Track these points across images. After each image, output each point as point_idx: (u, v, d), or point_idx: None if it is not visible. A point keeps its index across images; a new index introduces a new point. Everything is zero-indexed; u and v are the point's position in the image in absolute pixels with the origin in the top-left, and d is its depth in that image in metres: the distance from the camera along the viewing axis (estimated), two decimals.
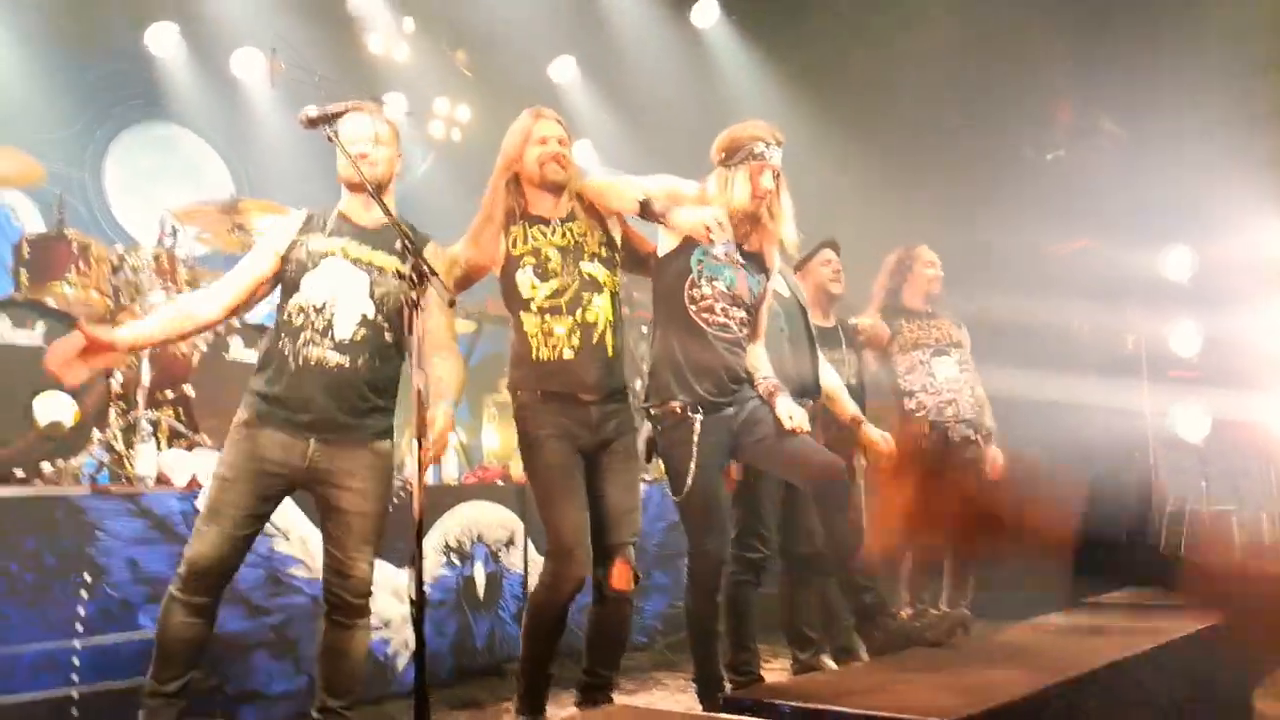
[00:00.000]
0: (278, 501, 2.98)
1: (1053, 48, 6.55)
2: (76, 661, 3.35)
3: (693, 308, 3.27)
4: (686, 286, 3.27)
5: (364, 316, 2.89)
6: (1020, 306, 5.87)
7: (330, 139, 2.72)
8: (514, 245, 3.18)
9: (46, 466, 3.69)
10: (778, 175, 3.36)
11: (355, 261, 2.93)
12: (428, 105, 8.45)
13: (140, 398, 4.06)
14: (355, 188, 2.99)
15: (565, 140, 3.29)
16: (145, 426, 3.95)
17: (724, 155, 3.35)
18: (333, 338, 2.86)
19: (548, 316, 3.09)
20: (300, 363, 2.87)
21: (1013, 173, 6.78)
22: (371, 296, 2.90)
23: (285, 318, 2.93)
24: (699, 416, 3.18)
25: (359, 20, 7.82)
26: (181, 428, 4.06)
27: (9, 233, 6.70)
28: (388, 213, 2.74)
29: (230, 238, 4.97)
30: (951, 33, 6.79)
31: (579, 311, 3.10)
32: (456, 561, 4.47)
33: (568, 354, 3.08)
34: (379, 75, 7.86)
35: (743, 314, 3.34)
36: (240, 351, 4.29)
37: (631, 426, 3.29)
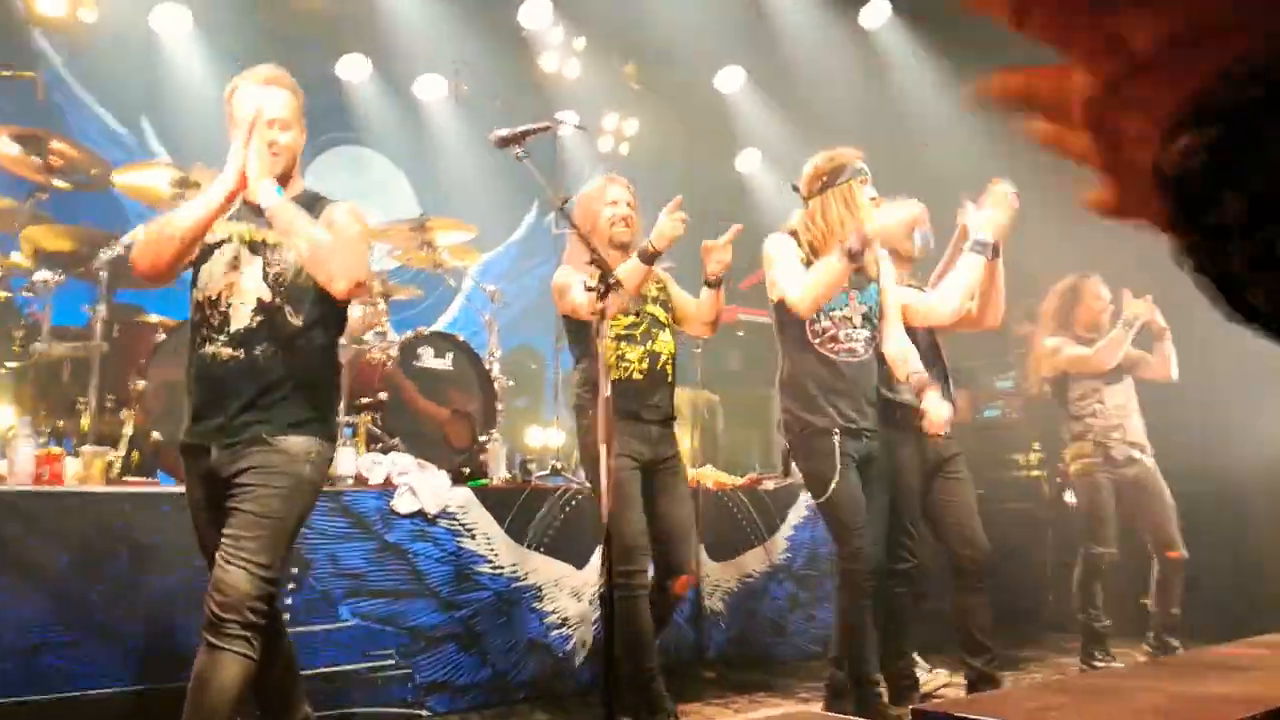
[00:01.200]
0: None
1: None
2: None
3: (817, 341, 3.52)
4: (808, 324, 3.52)
5: (259, 302, 2.62)
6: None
7: (518, 158, 2.85)
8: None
9: None
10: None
11: (250, 244, 2.68)
12: (597, 121, 8.67)
13: (339, 404, 4.34)
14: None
15: (633, 204, 3.65)
16: (344, 431, 4.22)
17: (825, 180, 3.55)
18: (228, 331, 2.60)
19: (622, 343, 3.49)
20: (199, 365, 2.64)
21: None
22: (266, 279, 2.64)
23: (191, 317, 2.73)
24: (837, 435, 3.43)
25: (533, 41, 8.10)
26: (377, 431, 4.31)
27: None
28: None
29: (419, 254, 5.24)
30: None
31: (649, 342, 3.53)
32: None
33: (637, 377, 3.49)
34: (550, 93, 8.12)
35: (867, 332, 3.58)
36: (431, 360, 4.53)
37: (677, 446, 3.67)
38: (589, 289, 2.74)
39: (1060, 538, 5.88)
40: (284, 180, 2.72)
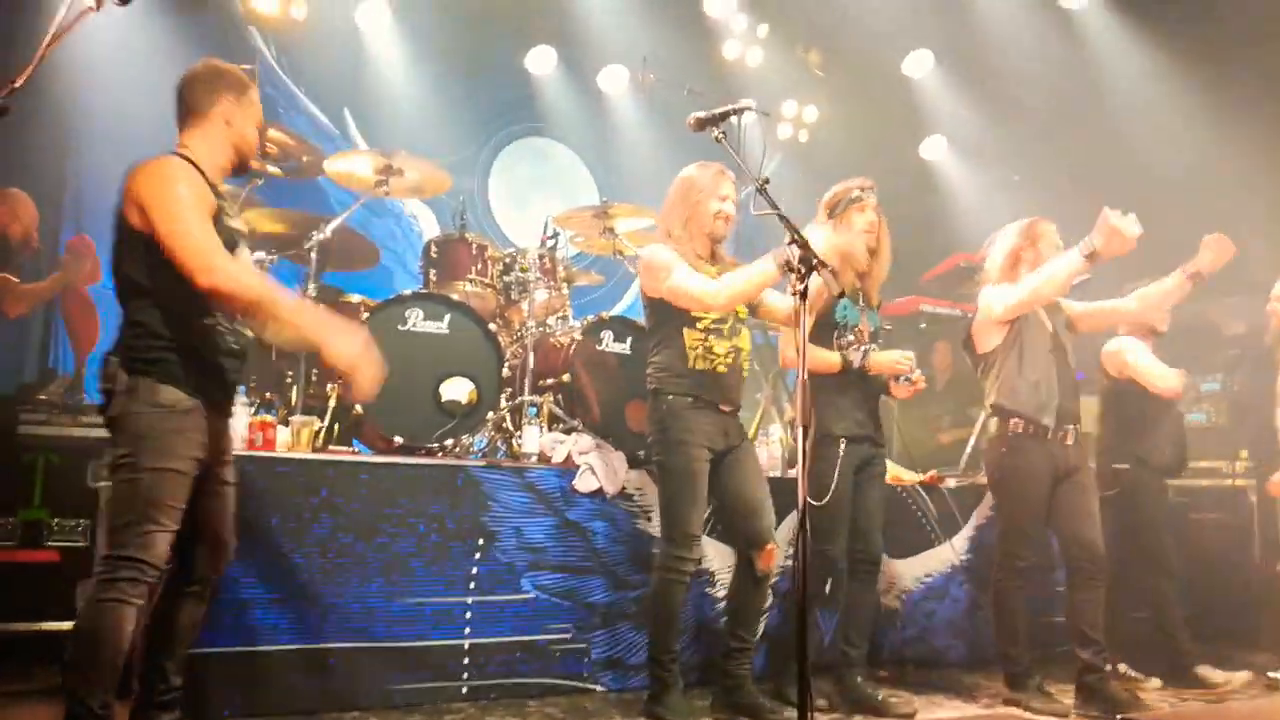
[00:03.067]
0: None
1: None
2: (468, 615, 3.76)
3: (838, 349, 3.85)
4: (835, 337, 3.86)
5: None
6: None
7: (718, 140, 2.86)
8: None
9: (448, 441, 4.17)
10: (878, 211, 3.94)
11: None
12: (776, 107, 8.59)
13: (526, 384, 4.48)
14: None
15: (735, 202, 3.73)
16: (530, 410, 4.34)
17: (830, 209, 3.92)
18: None
19: (710, 335, 3.58)
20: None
21: None
22: None
23: None
24: (844, 443, 3.80)
25: (716, 29, 8.10)
26: (560, 412, 4.42)
27: (412, 239, 7.68)
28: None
29: (601, 240, 5.33)
30: None
31: (734, 337, 3.64)
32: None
33: (721, 369, 3.59)
34: (732, 81, 8.09)
35: (872, 346, 3.91)
36: (611, 344, 4.60)
37: (746, 434, 3.80)
38: (791, 269, 2.72)
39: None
40: None
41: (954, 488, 5.01)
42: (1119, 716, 1.76)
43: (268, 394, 4.68)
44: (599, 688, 3.94)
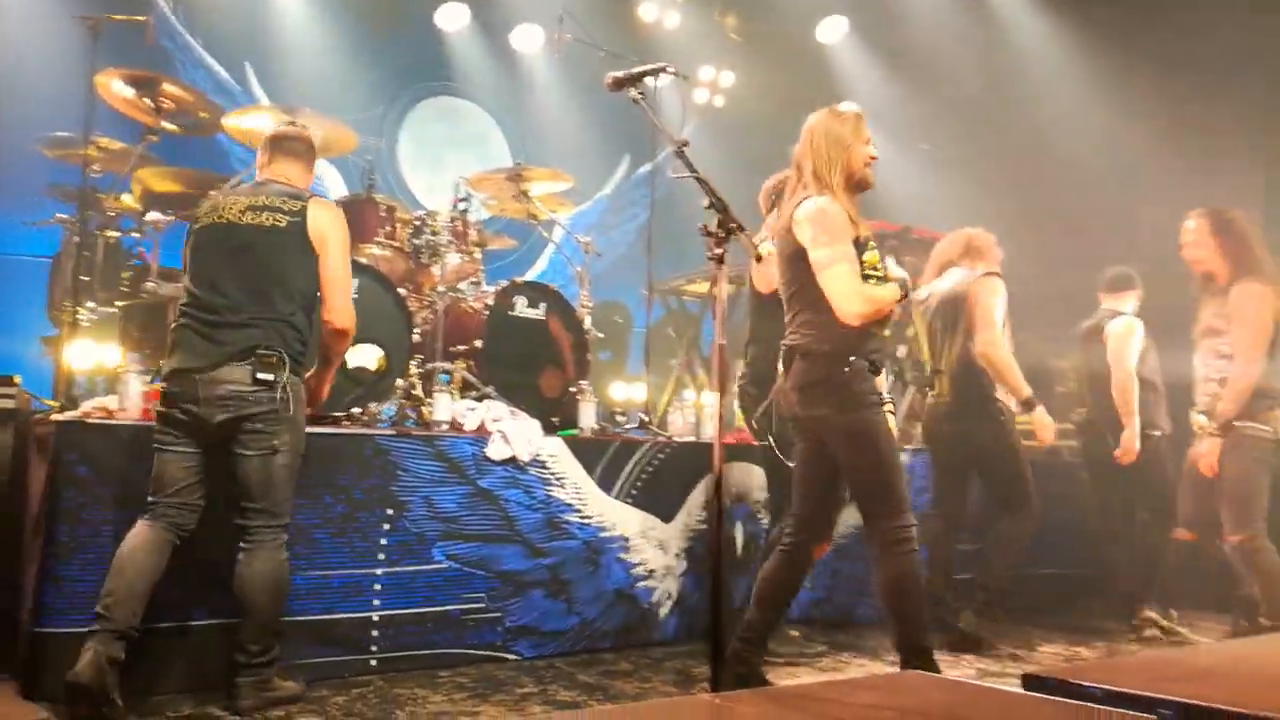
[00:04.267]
0: None
1: None
2: (378, 587, 3.69)
3: None
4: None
5: None
6: None
7: (636, 100, 2.80)
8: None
9: (355, 410, 4.06)
10: None
11: None
12: (693, 71, 8.54)
13: (437, 350, 4.39)
14: None
15: None
16: (441, 377, 4.26)
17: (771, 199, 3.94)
18: None
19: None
20: None
21: None
22: None
23: None
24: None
25: None
26: (473, 379, 4.35)
27: None
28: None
29: (515, 204, 5.24)
30: None
31: None
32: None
33: (885, 333, 3.38)
34: (648, 43, 8.01)
35: None
36: (525, 309, 4.54)
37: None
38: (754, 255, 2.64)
39: None
40: None
41: None
42: (1023, 672, 1.81)
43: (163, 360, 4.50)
44: (512, 656, 3.92)
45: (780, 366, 3.36)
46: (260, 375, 3.07)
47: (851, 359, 3.15)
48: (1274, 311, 4.29)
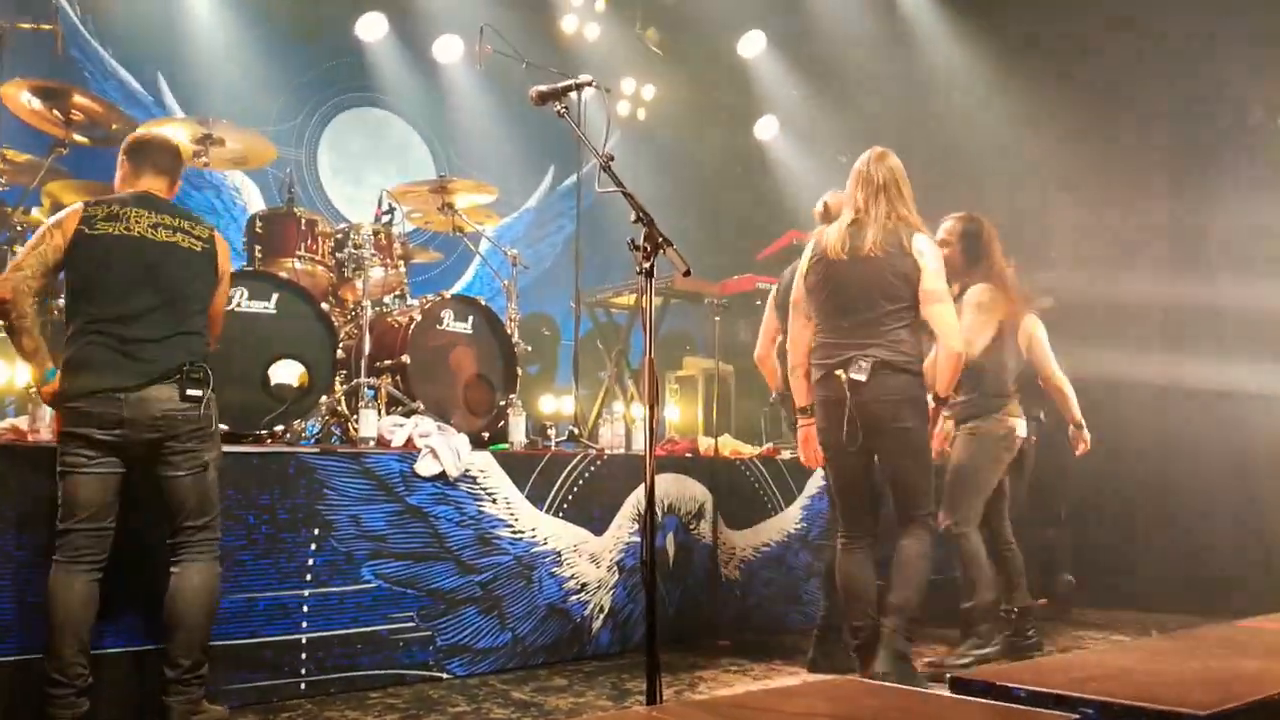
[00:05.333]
0: None
1: None
2: (306, 609, 3.62)
3: None
4: None
5: None
6: (1247, 291, 5.47)
7: (561, 114, 2.81)
8: None
9: (278, 427, 3.98)
10: None
11: None
12: (615, 84, 8.57)
13: (362, 366, 4.32)
14: None
15: None
16: (366, 393, 4.20)
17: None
18: None
19: None
20: None
21: (1238, 143, 6.18)
22: None
23: None
24: None
25: (553, 1, 8.00)
26: (398, 394, 4.30)
27: (235, 213, 7.30)
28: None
29: (439, 216, 5.20)
30: None
31: None
32: None
33: None
34: (569, 55, 8.02)
35: None
36: (452, 323, 4.51)
37: None
38: (635, 247, 2.68)
39: None
40: None
41: (788, 459, 5.17)
42: (948, 675, 1.86)
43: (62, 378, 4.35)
44: (445, 675, 3.87)
45: (848, 374, 3.55)
46: (190, 392, 3.07)
47: (921, 378, 3.61)
48: (1003, 313, 4.41)
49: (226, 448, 3.57)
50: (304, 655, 3.59)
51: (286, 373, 4.05)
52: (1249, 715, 1.42)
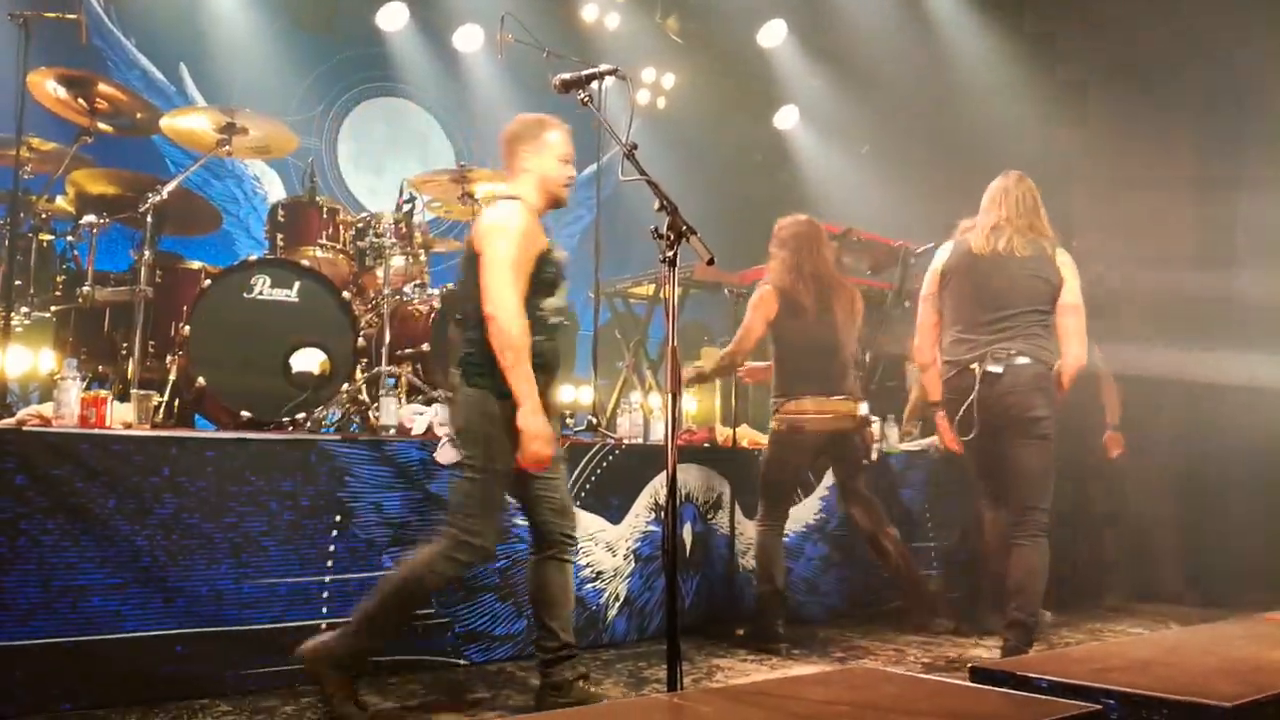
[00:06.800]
0: None
1: None
2: (326, 595, 3.65)
3: None
4: None
5: None
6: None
7: (584, 103, 2.80)
8: None
9: (299, 415, 4.01)
10: None
11: None
12: (635, 73, 8.56)
13: (383, 354, 4.35)
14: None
15: None
16: (387, 381, 4.22)
17: None
18: None
19: None
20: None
21: (1265, 134, 6.12)
22: None
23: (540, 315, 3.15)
24: None
25: None
26: (419, 382, 4.32)
27: (256, 202, 7.34)
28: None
29: (459, 205, 5.21)
30: None
31: None
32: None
33: None
34: (590, 44, 8.01)
35: None
36: None
37: None
38: (659, 235, 2.72)
39: None
40: None
41: None
42: (970, 665, 1.86)
43: (100, 368, 4.40)
44: (463, 661, 3.90)
45: (988, 366, 3.81)
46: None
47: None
48: (764, 313, 4.48)
49: (249, 435, 3.62)
50: None
51: (308, 360, 4.09)
52: (1278, 708, 1.41)
